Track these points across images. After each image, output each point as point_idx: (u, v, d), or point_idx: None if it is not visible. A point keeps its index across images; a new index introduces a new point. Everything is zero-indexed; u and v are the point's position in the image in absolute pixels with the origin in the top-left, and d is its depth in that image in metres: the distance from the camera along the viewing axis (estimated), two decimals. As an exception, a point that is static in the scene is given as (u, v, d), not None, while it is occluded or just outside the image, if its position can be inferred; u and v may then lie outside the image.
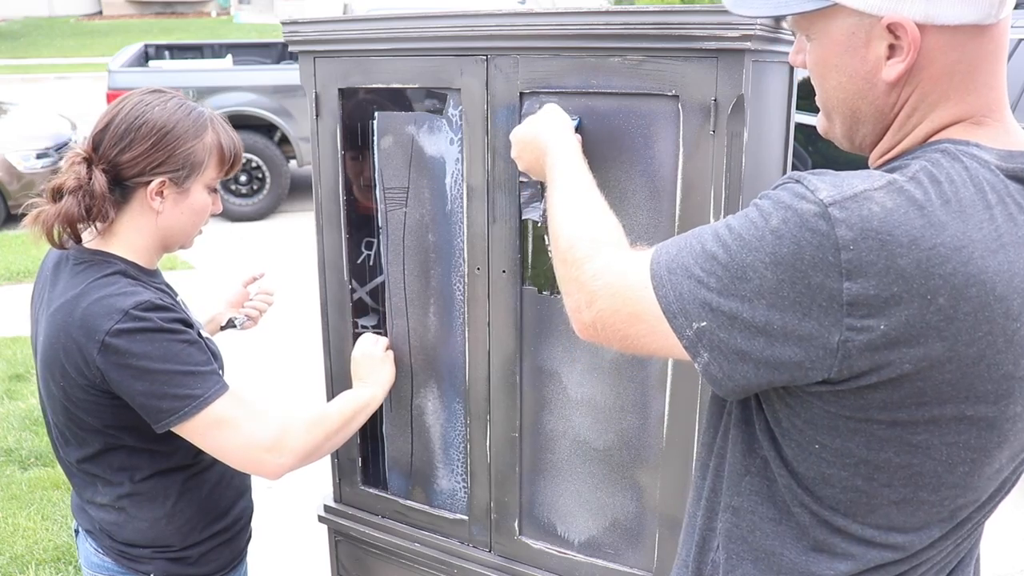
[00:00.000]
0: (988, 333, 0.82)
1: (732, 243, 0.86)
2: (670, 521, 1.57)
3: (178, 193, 1.43)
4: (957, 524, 0.96)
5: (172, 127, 1.39)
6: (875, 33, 0.87)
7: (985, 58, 0.87)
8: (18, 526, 3.19)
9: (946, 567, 1.01)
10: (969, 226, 0.81)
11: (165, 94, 1.44)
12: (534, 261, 1.62)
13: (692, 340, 0.89)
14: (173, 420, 1.34)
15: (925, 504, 0.92)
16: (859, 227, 0.80)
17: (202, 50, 9.01)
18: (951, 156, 0.86)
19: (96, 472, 1.45)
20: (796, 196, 0.84)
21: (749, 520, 1.01)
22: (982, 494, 0.94)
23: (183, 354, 1.34)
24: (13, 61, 17.18)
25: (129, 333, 1.31)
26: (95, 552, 1.51)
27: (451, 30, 1.55)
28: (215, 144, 1.45)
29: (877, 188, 0.82)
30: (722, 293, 0.86)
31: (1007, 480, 0.96)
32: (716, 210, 1.39)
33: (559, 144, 1.27)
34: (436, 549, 1.88)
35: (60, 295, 1.37)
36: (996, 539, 3.07)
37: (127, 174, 1.39)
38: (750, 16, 0.98)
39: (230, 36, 18.98)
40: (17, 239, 6.84)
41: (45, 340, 1.37)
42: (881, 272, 0.79)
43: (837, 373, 0.84)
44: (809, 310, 0.82)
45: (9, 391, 4.30)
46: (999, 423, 0.87)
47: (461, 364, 1.75)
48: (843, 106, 0.95)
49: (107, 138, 1.39)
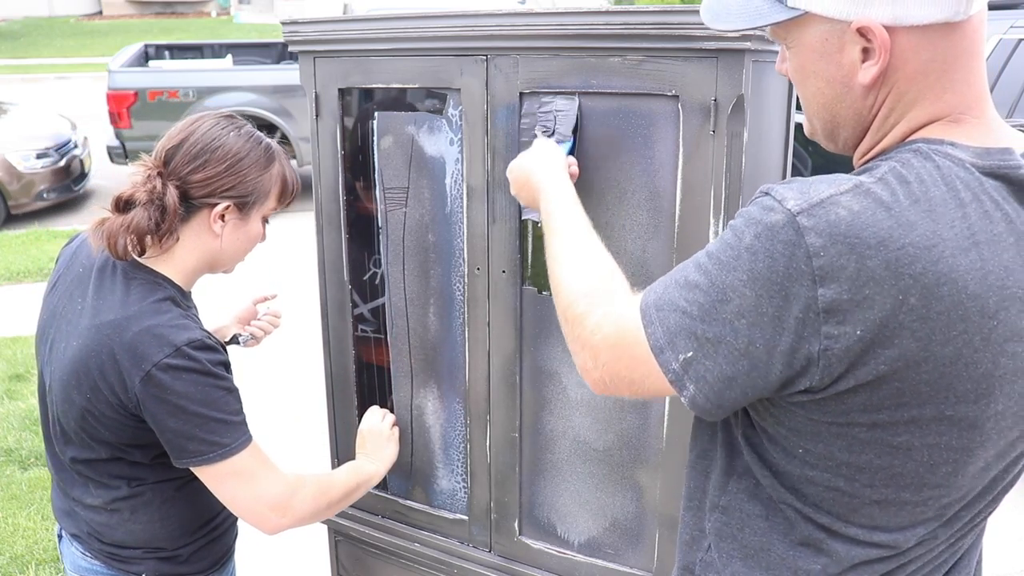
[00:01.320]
0: (963, 332, 0.82)
1: (711, 268, 0.87)
2: (670, 521, 1.57)
3: (239, 219, 1.45)
4: (945, 523, 0.96)
5: (245, 155, 1.43)
6: (847, 38, 0.88)
7: (959, 55, 0.87)
8: (18, 526, 3.19)
9: (942, 565, 1.01)
10: (940, 225, 0.81)
11: (238, 121, 1.48)
12: (534, 261, 1.62)
13: (678, 373, 0.89)
14: (195, 462, 1.37)
15: (908, 504, 0.92)
16: (827, 232, 0.80)
17: (202, 50, 9.01)
18: (923, 155, 0.86)
19: (90, 475, 1.44)
20: (765, 209, 0.85)
21: (738, 518, 1.02)
22: (969, 493, 0.94)
23: (220, 401, 1.36)
24: (13, 61, 17.17)
25: (175, 370, 1.31)
26: (82, 556, 1.50)
27: (451, 30, 1.55)
28: (280, 176, 1.49)
29: (843, 192, 0.82)
30: (705, 320, 0.87)
31: (998, 478, 0.96)
32: (716, 210, 1.39)
33: (551, 186, 1.27)
34: (436, 549, 1.88)
35: (109, 309, 1.35)
36: (996, 539, 3.07)
37: (195, 194, 1.40)
38: (725, 30, 0.99)
39: (230, 36, 18.98)
40: (17, 239, 6.84)
41: (82, 349, 1.35)
42: (852, 275, 0.80)
43: (819, 381, 0.84)
44: (789, 324, 0.82)
45: (9, 391, 4.30)
46: (980, 422, 0.87)
47: (461, 364, 1.75)
48: (823, 110, 0.96)
49: (180, 156, 1.40)
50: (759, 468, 0.97)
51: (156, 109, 7.33)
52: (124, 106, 7.27)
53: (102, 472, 1.43)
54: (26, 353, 4.70)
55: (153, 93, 7.32)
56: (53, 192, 7.52)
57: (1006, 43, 3.88)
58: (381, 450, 1.78)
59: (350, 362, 1.89)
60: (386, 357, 1.89)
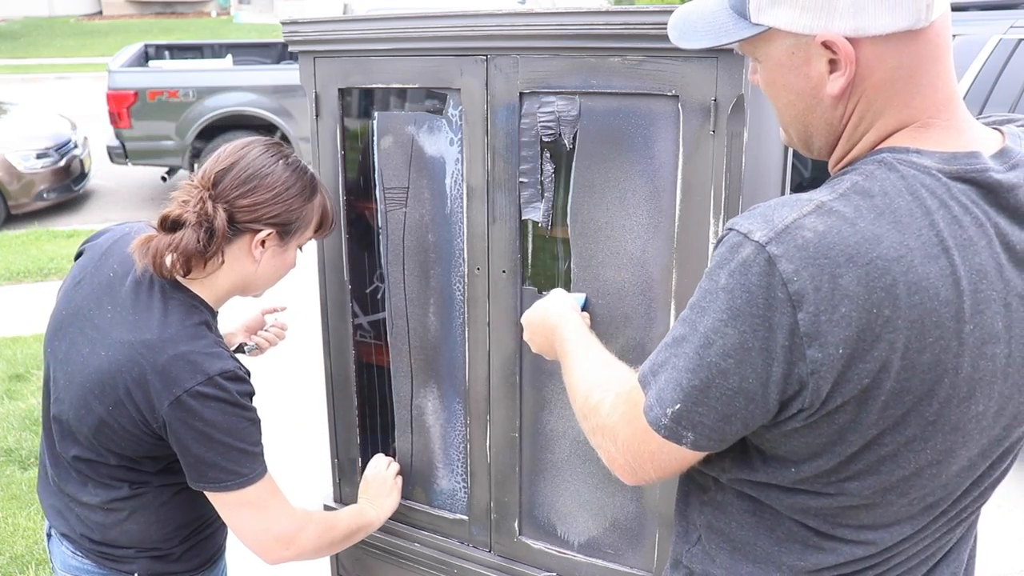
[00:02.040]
0: (939, 338, 0.83)
1: (693, 317, 0.89)
2: (670, 521, 1.57)
3: (278, 246, 1.47)
4: (933, 519, 0.97)
5: (292, 184, 1.45)
6: (813, 51, 0.89)
7: (924, 60, 0.88)
8: (18, 526, 3.19)
9: (929, 558, 1.02)
10: (906, 235, 0.82)
11: (286, 149, 1.50)
12: (534, 261, 1.62)
13: (669, 428, 0.90)
14: (212, 487, 1.39)
15: (894, 505, 0.94)
16: (798, 257, 0.81)
17: (202, 50, 9.01)
18: (887, 166, 0.87)
19: (91, 475, 1.44)
20: (732, 248, 0.86)
21: (727, 513, 1.03)
22: (954, 490, 0.96)
23: (244, 432, 1.38)
24: (13, 61, 17.17)
25: (205, 398, 1.33)
26: (72, 555, 1.50)
27: (451, 30, 1.55)
28: (321, 207, 1.52)
29: (807, 214, 0.83)
30: (691, 370, 0.88)
31: (986, 474, 0.98)
32: (716, 210, 1.39)
33: (566, 323, 1.30)
34: (436, 549, 1.88)
35: (146, 328, 1.35)
36: (996, 539, 3.07)
37: (241, 218, 1.41)
38: (693, 49, 1.00)
39: (230, 36, 18.98)
40: (17, 239, 6.84)
41: (111, 361, 1.35)
42: (827, 295, 0.81)
43: (810, 403, 0.85)
44: (776, 353, 0.83)
45: (9, 391, 4.30)
46: (962, 424, 0.89)
47: (461, 364, 1.75)
48: (796, 122, 0.97)
49: (229, 179, 1.41)
50: (748, 474, 0.98)
51: (156, 109, 7.33)
52: (124, 106, 7.27)
53: (104, 474, 1.43)
54: (26, 353, 4.70)
55: (153, 93, 7.32)
56: (53, 192, 7.52)
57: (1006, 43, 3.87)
58: (383, 498, 1.80)
59: (350, 362, 1.89)
60: (386, 357, 1.89)
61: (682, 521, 1.13)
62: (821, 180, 0.95)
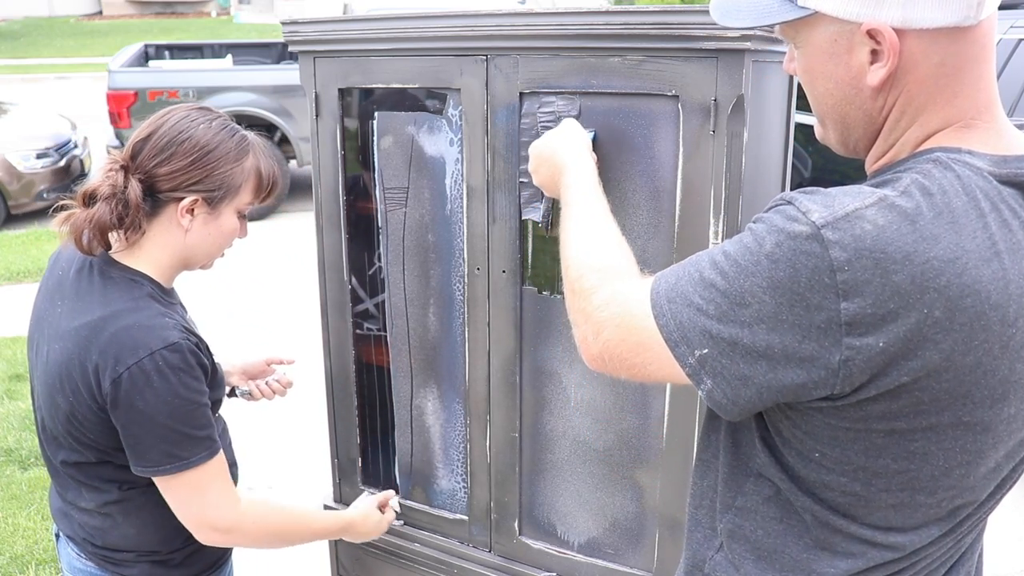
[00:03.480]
0: (984, 341, 0.82)
1: (729, 269, 0.87)
2: (670, 521, 1.57)
3: (208, 213, 1.41)
4: (957, 523, 0.96)
5: (214, 147, 1.39)
6: (856, 39, 0.88)
7: (970, 60, 0.87)
8: (18, 526, 3.19)
9: (947, 562, 1.02)
10: (962, 236, 0.81)
11: (211, 113, 1.44)
12: (534, 261, 1.62)
13: (695, 368, 0.89)
14: (149, 471, 1.36)
15: (923, 506, 0.93)
16: (853, 247, 0.80)
17: (202, 50, 9.00)
18: (943, 165, 0.86)
19: (81, 479, 1.43)
20: (788, 219, 0.84)
21: (752, 520, 1.02)
22: (980, 494, 0.95)
23: (186, 414, 1.34)
24: (13, 61, 17.17)
25: (147, 376, 1.30)
26: (77, 557, 1.49)
27: (451, 30, 1.55)
28: (254, 169, 1.44)
29: (868, 206, 0.82)
30: (721, 320, 0.86)
31: (1007, 479, 0.97)
32: (716, 210, 1.39)
33: (575, 165, 1.26)
34: (436, 549, 1.88)
35: (87, 310, 1.34)
36: (996, 539, 3.07)
37: (161, 187, 1.37)
38: (736, 28, 0.99)
39: (230, 36, 18.97)
40: (17, 239, 6.84)
41: (62, 351, 1.34)
42: (877, 290, 0.80)
43: (839, 390, 0.84)
44: (809, 332, 0.82)
45: (9, 391, 4.30)
46: (994, 425, 0.88)
47: (461, 364, 1.75)
48: (833, 112, 0.96)
49: (147, 148, 1.37)
50: (775, 471, 0.97)
51: (156, 109, 7.16)
52: (124, 106, 7.26)
53: (92, 476, 1.42)
54: (26, 353, 4.70)
55: (153, 93, 7.31)
56: (53, 192, 7.50)
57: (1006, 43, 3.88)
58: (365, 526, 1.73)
59: (350, 362, 1.89)
60: (386, 357, 1.89)
61: (699, 527, 1.10)
62: (821, 180, 0.95)
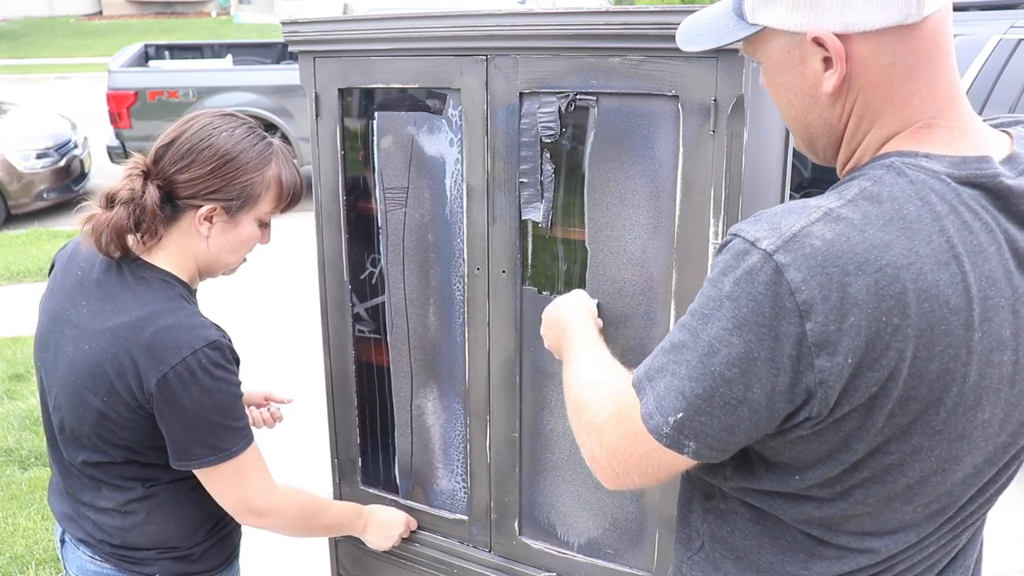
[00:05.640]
0: (949, 346, 0.82)
1: (695, 324, 0.87)
2: (670, 522, 1.57)
3: (227, 222, 1.41)
4: (938, 526, 0.96)
5: (235, 156, 1.38)
6: (806, 49, 0.89)
7: (922, 58, 0.87)
8: (18, 526, 3.19)
9: (934, 565, 1.01)
10: (916, 241, 0.81)
11: (236, 120, 1.42)
12: (534, 261, 1.62)
13: (671, 437, 0.88)
14: (193, 464, 1.38)
15: (899, 513, 0.93)
16: (806, 266, 0.80)
17: (202, 50, 9.01)
18: (895, 171, 0.86)
19: (103, 478, 1.43)
20: (739, 255, 0.84)
21: (731, 522, 1.02)
22: (959, 499, 0.95)
23: (229, 408, 1.36)
24: (13, 61, 17.17)
25: (192, 373, 1.31)
26: (91, 560, 1.48)
27: (451, 30, 1.55)
28: (275, 179, 1.43)
29: (814, 222, 0.82)
30: (693, 378, 0.86)
31: (992, 481, 0.97)
32: (716, 210, 1.39)
33: (577, 324, 1.30)
34: (436, 549, 1.88)
35: (121, 311, 1.34)
36: (996, 539, 3.07)
37: (181, 194, 1.38)
38: (697, 51, 1.01)
39: (230, 36, 18.98)
40: (17, 239, 6.84)
41: (95, 351, 1.34)
42: (836, 304, 0.79)
43: (817, 412, 0.84)
44: (782, 364, 0.82)
45: (9, 391, 4.30)
46: (969, 432, 0.88)
47: (461, 364, 1.75)
48: (797, 122, 0.97)
49: (169, 154, 1.37)
50: (751, 482, 0.98)
51: (156, 109, 7.33)
52: (124, 106, 7.27)
53: (115, 475, 1.42)
54: (26, 353, 4.70)
55: (153, 93, 7.32)
56: (53, 192, 7.51)
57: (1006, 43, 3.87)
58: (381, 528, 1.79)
59: (350, 362, 1.89)
60: (386, 357, 1.89)
61: (684, 528, 1.11)
62: (821, 180, 0.95)
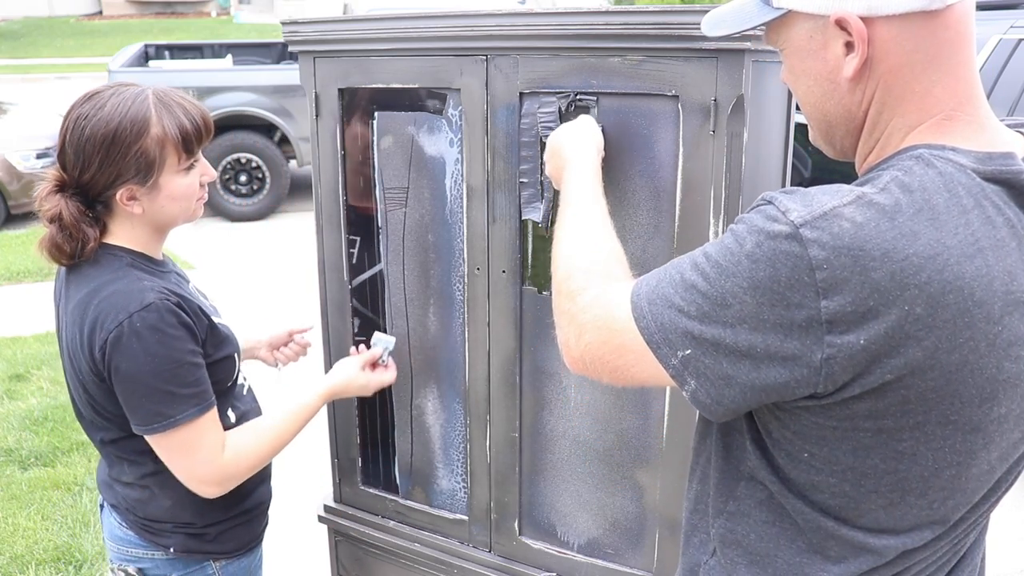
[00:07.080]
0: (970, 339, 0.82)
1: (710, 271, 0.87)
2: (670, 522, 1.57)
3: (148, 191, 1.41)
4: (952, 525, 0.96)
5: (112, 136, 1.35)
6: (829, 33, 0.89)
7: (943, 46, 0.87)
8: (18, 526, 3.19)
9: (944, 565, 1.01)
10: (943, 233, 0.81)
11: (101, 96, 1.38)
12: (534, 261, 1.62)
13: (678, 369, 0.90)
14: (142, 430, 1.41)
15: (914, 508, 0.92)
16: (831, 245, 0.80)
17: (202, 50, 9.00)
18: (924, 162, 0.86)
19: (119, 454, 1.50)
20: (768, 219, 0.84)
21: (744, 524, 1.02)
22: (973, 496, 0.95)
23: (170, 373, 1.37)
24: (13, 61, 17.18)
25: (126, 338, 1.34)
26: (119, 526, 1.55)
27: (451, 30, 1.55)
28: (162, 136, 1.38)
29: (847, 204, 0.82)
30: (703, 321, 0.87)
31: (1002, 480, 0.96)
32: (716, 210, 1.39)
33: (578, 162, 1.27)
34: (436, 549, 1.88)
35: (76, 292, 1.41)
36: (996, 539, 3.07)
37: (95, 192, 1.39)
38: (721, 36, 1.02)
39: (230, 36, 18.98)
40: (17, 239, 6.84)
41: (68, 332, 1.41)
42: (856, 288, 0.80)
43: (823, 388, 0.84)
44: (790, 331, 0.82)
45: (9, 391, 4.30)
46: (983, 426, 0.88)
47: (461, 364, 1.75)
48: (815, 110, 0.97)
49: (67, 160, 1.39)
50: (766, 473, 0.97)
51: (156, 109, 7.32)
52: (124, 106, 7.26)
53: (128, 450, 1.48)
54: (26, 353, 4.70)
55: (153, 93, 7.31)
56: (53, 192, 7.51)
57: (1006, 43, 3.87)
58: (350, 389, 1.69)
59: (350, 362, 1.89)
60: (386, 357, 1.89)
61: (695, 532, 1.10)
62: (821, 181, 0.95)
